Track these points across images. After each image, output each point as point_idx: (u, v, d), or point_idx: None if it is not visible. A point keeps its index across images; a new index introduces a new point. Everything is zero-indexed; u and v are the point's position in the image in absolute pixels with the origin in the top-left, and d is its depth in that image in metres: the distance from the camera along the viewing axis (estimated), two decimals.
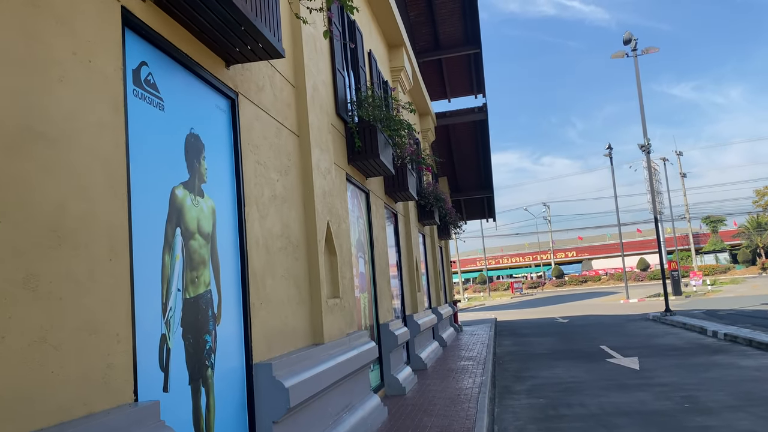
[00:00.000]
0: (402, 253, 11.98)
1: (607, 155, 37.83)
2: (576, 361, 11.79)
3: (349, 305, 7.18)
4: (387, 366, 8.88)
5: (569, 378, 9.88)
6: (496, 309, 38.69)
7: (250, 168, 4.63)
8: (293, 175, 5.63)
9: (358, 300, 7.95)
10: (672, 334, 15.55)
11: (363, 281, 8.38)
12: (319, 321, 5.73)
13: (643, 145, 21.54)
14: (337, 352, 5.91)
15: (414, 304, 12.46)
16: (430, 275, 16.82)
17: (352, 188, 8.27)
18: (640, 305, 30.97)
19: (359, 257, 8.27)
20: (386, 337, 8.90)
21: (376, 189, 9.77)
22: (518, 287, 62.09)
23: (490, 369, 11.01)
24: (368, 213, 9.11)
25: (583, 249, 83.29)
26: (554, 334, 18.26)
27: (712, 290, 38.60)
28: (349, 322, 7.10)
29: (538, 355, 13.36)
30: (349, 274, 7.35)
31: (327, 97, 6.85)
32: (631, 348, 13.15)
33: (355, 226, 8.24)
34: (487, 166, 22.14)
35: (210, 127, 4.13)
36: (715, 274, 55.62)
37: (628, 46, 21.64)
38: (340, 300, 6.35)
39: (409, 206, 12.74)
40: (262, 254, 4.68)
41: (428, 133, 17.88)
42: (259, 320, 4.50)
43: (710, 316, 19.75)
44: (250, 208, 4.55)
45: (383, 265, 9.73)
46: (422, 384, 9.71)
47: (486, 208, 25.61)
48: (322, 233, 6.00)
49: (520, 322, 24.67)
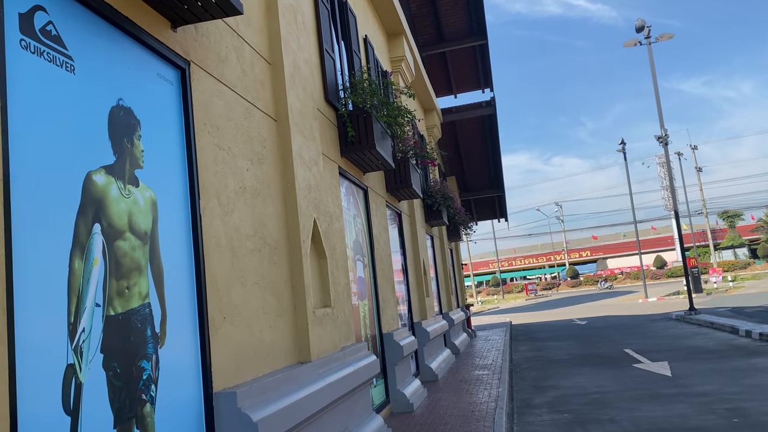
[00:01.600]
0: (408, 256, 11.13)
1: (621, 150, 36.78)
2: (600, 368, 10.86)
3: (345, 315, 6.34)
4: (392, 380, 8.02)
5: (594, 388, 8.96)
6: (510, 312, 37.67)
7: (207, 153, 3.82)
8: (269, 165, 4.81)
9: (357, 308, 7.11)
10: (700, 334, 14.55)
11: (362, 287, 7.54)
12: (305, 335, 4.89)
13: (660, 136, 20.55)
14: (328, 371, 5.07)
15: (422, 310, 11.59)
16: (440, 279, 15.94)
17: (347, 184, 7.44)
18: (659, 304, 29.89)
19: (357, 261, 7.43)
20: (390, 349, 8.05)
21: (376, 186, 8.93)
22: (533, 289, 60.94)
23: (507, 379, 10.11)
24: (367, 212, 8.27)
25: (597, 248, 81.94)
26: (573, 337, 17.30)
27: (733, 287, 37.38)
28: (345, 334, 6.26)
29: (557, 361, 12.44)
30: (344, 280, 6.51)
31: (312, 79, 6.04)
32: (659, 351, 12.19)
33: (351, 226, 7.41)
34: (496, 164, 21.25)
35: (149, 101, 3.32)
36: (735, 270, 54.16)
37: (641, 33, 20.68)
38: (332, 309, 5.51)
39: (414, 205, 11.89)
40: (225, 258, 3.86)
41: (434, 129, 17.04)
42: (222, 338, 3.67)
43: (738, 314, 18.71)
44: (208, 202, 3.73)
45: (386, 269, 8.89)
46: (432, 398, 8.83)
47: (497, 208, 24.69)
48: (307, 233, 5.17)
49: (537, 325, 23.69)
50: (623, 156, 36.68)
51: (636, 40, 20.81)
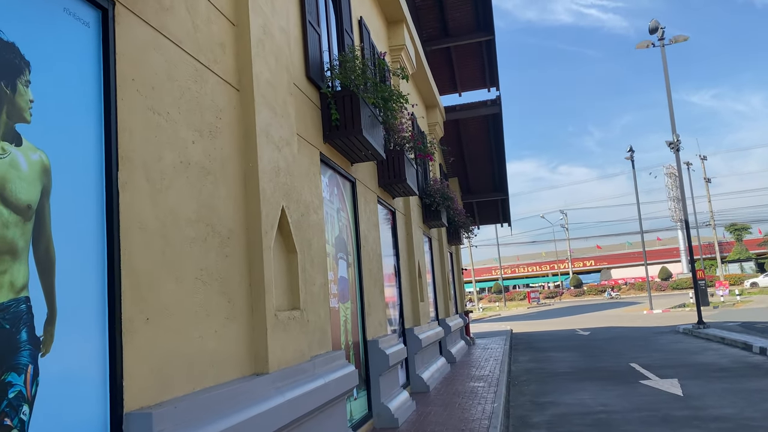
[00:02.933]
0: (401, 257, 10.39)
1: (629, 158, 35.95)
2: (604, 383, 10.09)
3: (319, 319, 5.61)
4: (376, 392, 7.28)
5: (598, 406, 8.19)
6: (511, 320, 36.84)
7: (135, 116, 3.10)
8: (225, 139, 4.09)
9: (337, 312, 6.38)
10: (711, 350, 13.74)
11: (345, 288, 6.81)
12: (263, 342, 4.16)
13: (672, 142, 19.75)
14: (289, 384, 4.33)
15: (415, 315, 10.84)
16: (438, 283, 15.18)
17: (330, 174, 6.72)
18: (665, 316, 29.04)
19: (340, 259, 6.71)
20: (375, 357, 7.31)
21: (366, 178, 8.21)
22: (535, 297, 60.04)
23: (504, 392, 9.35)
24: (354, 206, 7.55)
25: (601, 258, 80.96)
26: (576, 348, 16.51)
27: (741, 300, 36.44)
28: (318, 341, 5.53)
29: (559, 374, 11.67)
30: (321, 279, 5.78)
31: (289, 49, 5.31)
32: (667, 367, 11.41)
33: (334, 220, 6.69)
34: (501, 166, 20.49)
35: (48, 41, 2.61)
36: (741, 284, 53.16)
37: (654, 35, 19.91)
38: (300, 312, 4.78)
39: (410, 203, 11.15)
40: (154, 245, 3.14)
41: (436, 127, 16.31)
42: (142, 344, 2.95)
43: (748, 329, 17.88)
44: (131, 175, 3.01)
45: (375, 270, 8.15)
46: (421, 412, 8.08)
47: (500, 212, 23.91)
48: (272, 223, 4.44)
49: (538, 335, 22.89)
50: (631, 164, 35.85)
51: (649, 41, 20.03)
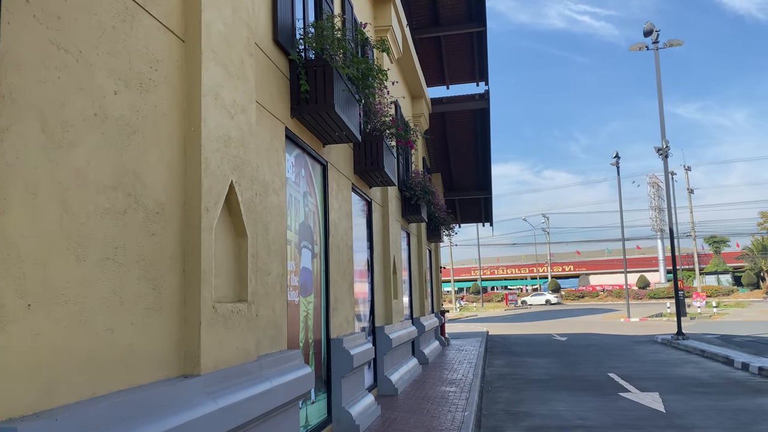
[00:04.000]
0: (375, 251, 9.77)
1: (614, 164, 35.70)
2: (582, 394, 9.57)
3: (273, 314, 4.98)
4: (337, 395, 6.66)
5: (576, 420, 7.66)
6: (488, 321, 36.47)
7: (28, 48, 2.44)
8: (161, 96, 3.43)
9: (296, 306, 5.74)
10: (691, 362, 13.33)
11: (308, 281, 6.18)
12: (195, 337, 3.51)
13: (661, 148, 19.35)
14: (226, 388, 3.69)
15: (388, 313, 10.24)
16: (414, 280, 14.60)
17: (298, 153, 6.07)
18: (642, 325, 28.83)
19: (303, 248, 6.07)
20: (338, 357, 6.69)
21: (340, 163, 7.57)
22: (513, 299, 59.83)
23: (476, 399, 8.80)
24: (325, 192, 6.91)
25: (580, 263, 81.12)
26: (552, 354, 16.04)
27: (717, 313, 36.40)
28: (271, 338, 4.89)
29: (534, 381, 11.15)
30: (278, 269, 5.14)
31: (252, 3, 4.65)
32: (647, 379, 10.94)
33: (300, 205, 6.05)
34: (486, 164, 19.95)
35: None
36: (718, 296, 53.44)
37: (648, 38, 19.47)
38: (248, 306, 4.14)
39: (388, 194, 10.53)
40: (48, 213, 2.48)
41: (421, 119, 15.71)
42: (18, 336, 2.30)
43: (727, 342, 17.57)
44: (17, 121, 2.36)
45: (344, 263, 7.53)
46: (386, 418, 7.48)
47: (483, 211, 23.39)
48: (216, 200, 3.80)
49: (514, 338, 22.45)
50: (616, 170, 35.60)
51: (643, 44, 19.60)
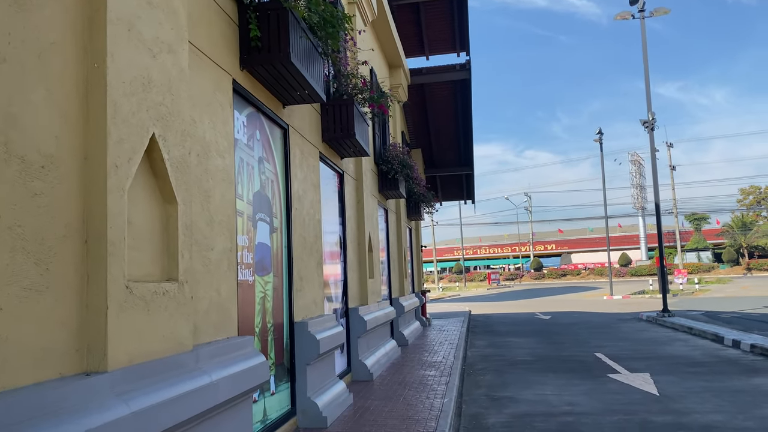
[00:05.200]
0: (348, 226, 9.08)
1: (597, 141, 35.24)
2: (569, 376, 9.04)
3: (219, 296, 4.28)
4: (302, 384, 6.00)
5: (564, 405, 7.10)
6: (471, 300, 36.12)
7: None
8: (48, 19, 2.68)
9: (250, 287, 5.04)
10: (679, 340, 12.90)
11: (265, 257, 5.47)
12: (101, 325, 2.81)
13: (647, 120, 18.81)
14: (145, 387, 3.00)
15: (363, 294, 9.59)
16: (393, 258, 13.95)
17: (251, 112, 5.33)
18: (625, 302, 28.64)
19: (259, 221, 5.35)
20: (303, 342, 6.01)
21: (305, 128, 6.84)
22: (495, 278, 59.68)
23: (457, 383, 8.21)
24: (286, 159, 6.18)
25: (562, 242, 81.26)
26: (536, 333, 15.56)
27: (699, 289, 36.47)
28: (215, 324, 4.20)
29: (518, 363, 10.61)
30: (224, 244, 4.43)
31: None
32: (636, 359, 10.45)
33: (254, 171, 5.32)
34: (467, 139, 19.27)
35: None
36: (699, 273, 53.74)
37: (634, 6, 18.82)
38: (178, 286, 3.44)
39: (363, 167, 9.82)
40: None
41: (399, 90, 14.95)
42: None
43: (713, 319, 17.25)
44: None
45: (310, 238, 6.83)
46: (358, 408, 6.86)
47: (464, 188, 22.77)
48: (129, 155, 3.07)
49: (497, 317, 22.00)
50: (599, 146, 35.14)
51: (628, 12, 18.95)
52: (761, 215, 71.26)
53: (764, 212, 72.02)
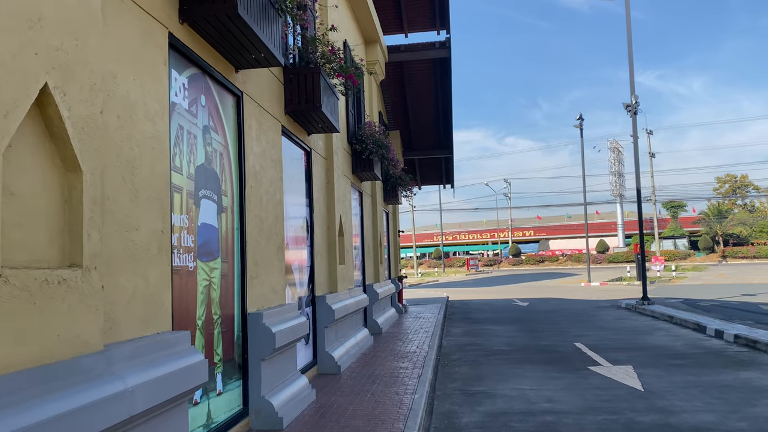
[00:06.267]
0: (316, 208, 8.45)
1: (578, 126, 34.86)
2: (548, 368, 8.57)
3: (148, 285, 3.64)
4: (255, 382, 5.40)
5: (543, 402, 6.60)
6: (449, 286, 35.75)
7: None
8: None
9: (190, 274, 4.41)
10: (660, 329, 12.54)
11: (212, 240, 4.84)
12: None
13: (630, 104, 18.37)
14: (21, 402, 2.38)
15: (332, 281, 8.99)
16: (368, 244, 13.36)
17: (195, 74, 4.66)
18: (602, 289, 28.43)
19: (202, 198, 4.71)
20: (257, 336, 5.40)
21: (263, 97, 6.17)
22: (474, 264, 59.50)
23: (430, 376, 7.69)
24: (239, 130, 5.52)
25: (541, 229, 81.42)
26: (514, 321, 15.13)
27: (677, 276, 36.53)
28: (140, 318, 3.57)
29: (495, 353, 10.12)
30: (154, 224, 3.79)
31: None
32: (617, 349, 10.02)
33: (197, 142, 4.67)
34: (447, 120, 18.67)
35: None
36: (675, 260, 54.03)
37: None
38: (83, 273, 2.80)
39: (333, 144, 9.17)
40: None
41: (376, 67, 14.26)
42: None
43: (692, 307, 16.99)
44: None
45: (270, 220, 6.20)
46: (321, 405, 6.28)
47: (444, 172, 22.20)
48: (9, 107, 2.42)
49: (475, 303, 21.59)
50: (580, 131, 34.77)
51: None
52: (736, 204, 72.05)
53: (739, 201, 72.85)
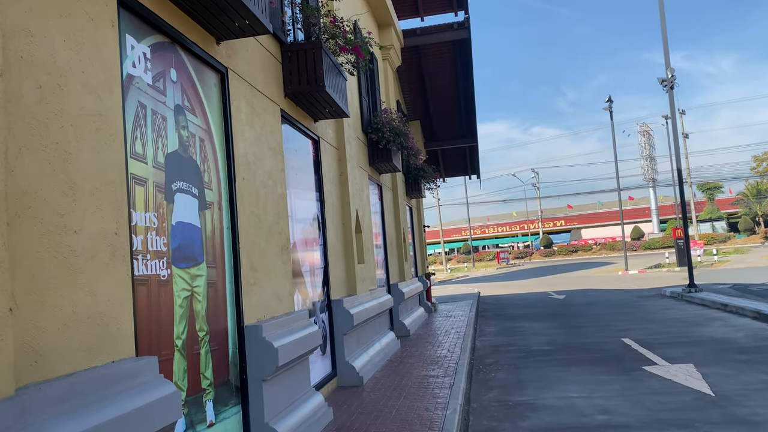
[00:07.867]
0: (328, 203, 7.63)
1: (607, 109, 33.50)
2: (596, 370, 7.62)
3: (97, 302, 2.84)
4: (257, 406, 4.59)
5: (597, 413, 5.67)
6: (480, 281, 34.71)
7: None
8: None
9: (164, 283, 3.61)
10: (716, 319, 11.44)
11: (193, 242, 4.04)
12: None
13: (665, 79, 17.14)
14: None
15: (350, 283, 8.17)
16: (391, 241, 12.50)
17: (159, 42, 3.86)
18: (641, 277, 27.11)
19: (177, 192, 3.91)
20: (256, 352, 4.59)
21: (255, 76, 5.36)
22: (504, 257, 58.18)
23: (463, 386, 6.82)
24: (226, 112, 4.71)
25: (572, 218, 79.53)
26: (552, 316, 14.13)
27: (718, 260, 34.84)
28: (87, 347, 2.78)
29: (535, 354, 9.19)
30: (102, 224, 2.98)
31: None
32: (671, 344, 9.00)
33: (168, 124, 3.87)
34: (469, 106, 17.71)
35: None
36: (715, 244, 51.96)
37: None
38: None
39: (345, 132, 8.35)
40: None
41: (390, 52, 13.40)
42: None
43: (744, 293, 15.74)
44: None
45: (270, 217, 5.39)
46: (340, 425, 5.45)
47: (468, 162, 21.24)
48: None
49: (508, 298, 20.59)
50: (609, 114, 33.39)
51: None
52: None
53: None
